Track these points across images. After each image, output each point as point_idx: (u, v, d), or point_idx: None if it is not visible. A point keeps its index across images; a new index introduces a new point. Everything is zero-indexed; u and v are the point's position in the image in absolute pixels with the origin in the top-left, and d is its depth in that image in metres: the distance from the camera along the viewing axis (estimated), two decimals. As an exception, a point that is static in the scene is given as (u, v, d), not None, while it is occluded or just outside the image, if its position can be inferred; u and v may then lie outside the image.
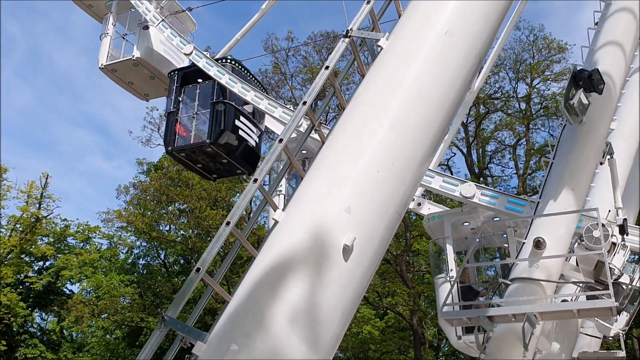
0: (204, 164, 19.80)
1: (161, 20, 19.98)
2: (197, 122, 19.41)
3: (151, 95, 22.53)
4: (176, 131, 19.33)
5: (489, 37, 7.69)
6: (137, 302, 52.51)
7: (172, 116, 19.69)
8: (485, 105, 53.53)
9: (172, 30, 19.73)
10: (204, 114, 19.25)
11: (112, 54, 21.46)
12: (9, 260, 55.45)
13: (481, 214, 16.82)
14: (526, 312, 11.29)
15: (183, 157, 19.50)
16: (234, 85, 18.17)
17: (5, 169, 53.97)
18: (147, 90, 22.43)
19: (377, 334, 52.31)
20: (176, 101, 19.78)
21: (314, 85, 7.51)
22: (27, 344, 55.54)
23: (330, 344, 6.31)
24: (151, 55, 21.04)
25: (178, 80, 20.06)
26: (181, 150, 19.20)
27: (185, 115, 19.69)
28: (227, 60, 19.79)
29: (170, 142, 19.39)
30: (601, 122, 14.02)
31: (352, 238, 6.31)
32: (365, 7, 7.95)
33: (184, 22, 22.67)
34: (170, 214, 52.48)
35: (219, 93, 19.12)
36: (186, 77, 20.11)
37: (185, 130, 19.49)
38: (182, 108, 19.80)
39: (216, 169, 20.21)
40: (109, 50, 21.49)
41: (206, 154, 19.16)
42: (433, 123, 7.08)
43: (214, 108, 19.01)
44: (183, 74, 20.13)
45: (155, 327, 6.63)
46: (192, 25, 23.20)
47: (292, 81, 53.01)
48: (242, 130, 19.21)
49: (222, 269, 7.58)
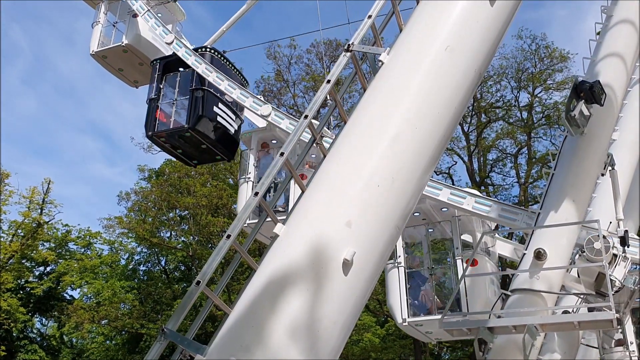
0: (183, 149, 20.51)
1: (146, 11, 21.11)
2: (177, 109, 20.09)
3: (140, 82, 23.19)
4: (156, 117, 20.06)
5: (490, 52, 7.72)
6: (137, 308, 52.49)
7: (153, 102, 20.41)
8: (487, 114, 53.60)
9: (156, 20, 20.86)
10: (184, 100, 19.99)
11: (102, 41, 22.38)
12: (10, 265, 55.47)
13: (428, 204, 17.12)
14: (527, 324, 11.27)
15: (163, 141, 20.24)
16: (209, 75, 19.08)
17: (7, 174, 54.09)
18: (136, 77, 23.17)
19: (377, 342, 52.18)
20: (157, 88, 20.53)
21: (315, 99, 7.55)
22: (27, 349, 55.48)
23: (330, 357, 6.32)
24: (139, 42, 21.78)
25: (160, 69, 20.85)
26: (161, 135, 19.91)
27: (166, 102, 20.41)
28: (207, 49, 20.58)
29: (150, 127, 20.09)
30: (602, 133, 14.04)
31: (352, 252, 6.33)
32: (367, 21, 7.98)
33: (173, 12, 23.55)
34: (171, 221, 52.54)
35: (198, 81, 19.83)
36: (168, 66, 20.87)
37: (165, 116, 20.16)
38: (163, 95, 20.61)
39: (196, 155, 20.95)
40: (100, 38, 22.41)
41: (185, 139, 19.84)
42: (433, 138, 7.11)
43: (193, 94, 19.69)
44: (165, 63, 20.93)
45: (155, 334, 6.64)
46: (181, 15, 24.00)
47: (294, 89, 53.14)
48: (221, 117, 19.89)
49: (222, 281, 7.59)
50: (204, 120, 19.43)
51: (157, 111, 20.11)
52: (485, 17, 7.61)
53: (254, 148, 19.29)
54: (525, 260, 12.87)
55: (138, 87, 23.69)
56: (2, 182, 53.66)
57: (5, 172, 53.97)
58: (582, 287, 13.38)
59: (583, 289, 13.36)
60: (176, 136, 19.73)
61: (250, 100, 18.52)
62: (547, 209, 13.38)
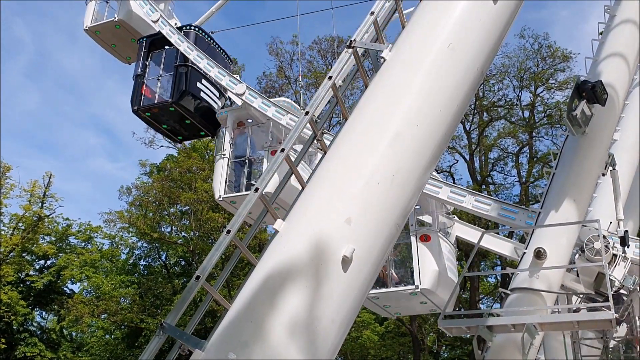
0: (168, 125, 21.21)
1: None
2: (162, 85, 20.74)
3: (133, 59, 23.39)
4: (142, 92, 20.71)
5: (492, 51, 7.71)
6: (137, 303, 52.51)
7: (139, 79, 21.02)
8: (489, 113, 53.52)
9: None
10: (169, 77, 20.66)
11: (96, 17, 22.87)
12: (10, 258, 55.53)
13: None
14: (526, 323, 11.27)
15: (148, 116, 20.83)
16: (190, 53, 19.72)
17: (8, 167, 54.12)
18: (129, 54, 23.52)
19: (376, 339, 52.23)
20: (143, 65, 21.17)
21: (316, 95, 7.54)
22: (27, 342, 55.55)
23: (328, 354, 6.33)
24: (131, 18, 22.16)
25: (146, 46, 21.54)
26: (146, 109, 20.54)
27: (151, 78, 21.04)
28: (191, 27, 21.15)
29: (136, 102, 20.71)
30: (604, 133, 14.04)
31: (352, 249, 6.33)
32: (369, 17, 7.98)
33: None
34: (172, 216, 52.51)
35: (182, 58, 20.39)
36: (154, 43, 21.47)
37: (150, 92, 20.82)
38: (148, 72, 21.24)
39: (181, 131, 21.58)
40: (94, 14, 22.90)
41: (169, 114, 20.49)
42: (434, 136, 7.10)
43: (177, 70, 20.34)
44: (151, 41, 21.55)
45: (154, 329, 6.66)
46: None
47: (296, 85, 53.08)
48: (205, 93, 20.55)
49: (222, 276, 7.60)
50: (187, 95, 20.05)
51: (142, 87, 20.74)
52: (488, 15, 7.60)
53: (229, 126, 19.52)
54: (525, 260, 12.88)
55: (130, 64, 24.07)
56: (4, 175, 53.70)
57: (6, 166, 54.04)
58: (582, 287, 13.41)
59: (583, 288, 13.38)
60: (160, 111, 20.38)
61: (227, 78, 19.06)
62: (548, 208, 13.38)
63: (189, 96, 20.05)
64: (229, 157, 18.94)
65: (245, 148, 19.20)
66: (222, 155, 19.01)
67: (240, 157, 19.13)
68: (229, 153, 19.03)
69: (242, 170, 19.01)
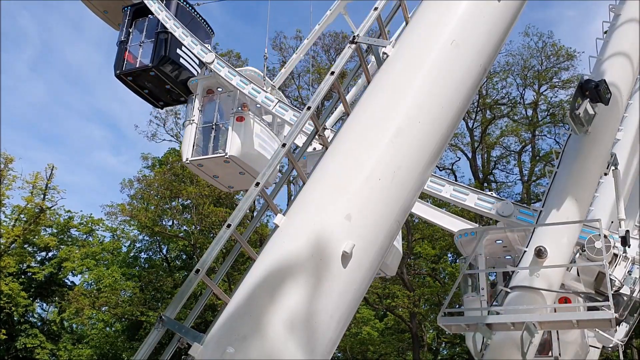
0: (149, 90, 22.19)
1: None
2: (143, 51, 21.79)
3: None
4: (124, 58, 21.76)
5: (496, 49, 7.67)
6: (137, 295, 52.67)
7: (123, 45, 22.03)
8: (492, 111, 53.44)
9: None
10: (150, 43, 21.62)
11: None
12: (12, 249, 55.70)
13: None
14: (525, 321, 11.27)
15: (130, 81, 21.82)
16: (167, 22, 20.73)
17: (11, 159, 54.23)
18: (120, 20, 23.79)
19: (376, 335, 52.33)
20: (127, 32, 22.16)
21: (318, 90, 7.53)
22: (28, 333, 55.79)
23: (327, 349, 6.33)
24: None
25: (130, 14, 22.44)
26: (128, 73, 21.56)
27: (134, 45, 22.07)
28: None
29: (118, 67, 21.70)
30: (607, 133, 13.99)
31: (352, 245, 6.32)
32: (373, 13, 7.95)
33: None
34: (173, 210, 52.58)
35: (163, 25, 21.24)
36: (138, 12, 22.30)
37: (132, 58, 21.95)
38: (132, 38, 22.19)
39: (161, 96, 22.56)
40: None
41: (150, 79, 21.57)
42: (436, 132, 7.08)
43: (158, 37, 21.37)
44: (135, 9, 22.37)
45: (154, 322, 6.68)
46: None
47: (299, 80, 53.04)
48: (184, 60, 21.49)
49: (221, 270, 7.60)
50: (167, 61, 21.07)
51: (125, 53, 21.73)
52: (492, 12, 7.56)
53: (199, 94, 20.49)
54: (526, 258, 12.86)
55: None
56: (6, 166, 53.79)
57: (9, 157, 54.14)
58: (582, 286, 13.38)
59: (583, 287, 13.36)
60: (141, 75, 21.41)
61: (199, 47, 20.08)
62: (549, 207, 13.35)
63: (168, 62, 21.07)
64: (197, 122, 20.07)
65: (214, 114, 20.32)
66: (191, 121, 20.06)
67: (208, 122, 20.27)
68: (197, 119, 20.15)
69: (209, 135, 20.08)
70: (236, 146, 19.27)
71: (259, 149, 19.88)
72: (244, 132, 19.61)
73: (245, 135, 19.62)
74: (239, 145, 19.32)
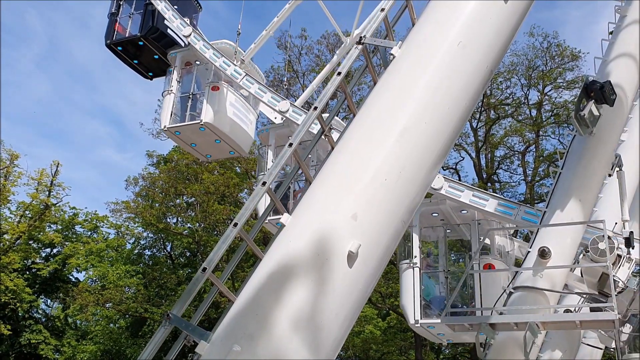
0: (139, 60, 23.00)
1: None
2: (133, 22, 22.69)
3: None
4: (115, 29, 22.64)
5: (502, 50, 7.71)
6: (141, 292, 52.79)
7: (113, 17, 22.81)
8: (496, 111, 53.35)
9: None
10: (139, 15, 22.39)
11: None
12: (17, 246, 55.88)
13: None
14: (528, 321, 11.30)
15: (120, 51, 22.60)
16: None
17: (16, 155, 54.36)
18: None
19: (378, 334, 52.33)
20: (117, 4, 22.95)
21: (325, 91, 7.57)
22: (32, 329, 55.97)
23: (332, 348, 6.38)
24: None
25: None
26: (118, 43, 22.35)
27: (124, 16, 22.88)
28: None
29: (109, 37, 22.56)
30: (611, 134, 13.99)
31: (357, 245, 6.37)
32: (380, 14, 7.99)
33: None
34: (177, 207, 52.68)
35: None
36: None
37: (122, 29, 22.85)
38: (122, 10, 22.94)
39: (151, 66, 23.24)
40: None
41: (139, 49, 22.36)
42: (442, 133, 7.13)
43: (146, 8, 22.09)
44: None
45: (158, 319, 6.72)
46: None
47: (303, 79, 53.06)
48: (171, 30, 22.05)
49: (227, 269, 7.66)
50: (155, 32, 21.80)
51: (115, 24, 22.62)
52: (499, 13, 7.60)
53: (177, 66, 21.63)
54: (529, 258, 12.89)
55: None
56: (12, 163, 53.96)
57: (14, 154, 54.29)
58: (585, 287, 13.39)
59: (586, 288, 13.37)
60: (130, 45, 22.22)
61: (178, 21, 21.22)
62: (553, 207, 13.38)
63: (156, 33, 21.80)
64: (175, 93, 21.14)
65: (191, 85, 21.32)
66: (170, 91, 21.17)
67: (185, 93, 21.25)
68: (175, 89, 21.23)
69: (186, 105, 21.11)
70: (210, 113, 20.17)
71: (233, 117, 20.85)
72: (218, 100, 20.52)
73: (219, 103, 20.52)
74: (213, 112, 20.23)
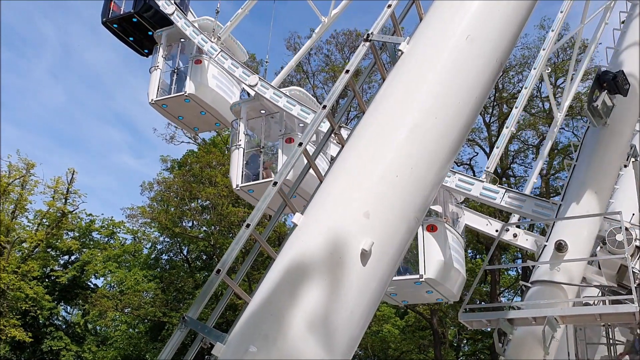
0: (134, 37, 23.56)
1: None
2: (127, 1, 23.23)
3: None
4: (110, 7, 23.36)
5: (511, 43, 7.63)
6: (159, 297, 53.07)
7: None
8: (509, 105, 52.93)
9: None
10: None
11: None
12: (35, 254, 56.45)
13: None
14: (547, 316, 11.21)
15: (116, 28, 23.31)
16: None
17: (32, 164, 54.87)
18: None
19: (397, 333, 52.18)
20: None
21: (334, 89, 7.55)
22: (53, 336, 56.55)
23: (348, 347, 6.35)
24: None
25: None
26: (113, 21, 23.06)
27: None
28: None
29: (105, 15, 23.27)
30: (625, 124, 13.85)
31: (370, 243, 6.33)
32: (387, 10, 7.95)
33: None
34: (193, 211, 52.89)
35: None
36: None
37: (117, 7, 23.53)
38: None
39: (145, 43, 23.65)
40: None
41: (134, 25, 22.98)
42: (453, 128, 7.07)
43: None
44: None
45: (177, 322, 6.76)
46: None
47: (313, 79, 53.07)
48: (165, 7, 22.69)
49: (242, 270, 7.66)
50: (148, 8, 22.44)
51: (111, 3, 23.32)
52: (506, 7, 7.53)
53: (163, 43, 22.21)
54: (546, 252, 12.79)
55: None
56: (28, 172, 54.51)
57: (30, 163, 54.81)
58: (604, 280, 13.25)
59: (605, 281, 13.23)
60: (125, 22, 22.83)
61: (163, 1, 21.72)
62: (569, 200, 13.27)
63: (150, 9, 22.40)
64: (161, 68, 21.51)
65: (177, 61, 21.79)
66: (157, 67, 21.45)
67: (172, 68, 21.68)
68: (162, 65, 21.61)
69: (172, 79, 21.44)
70: (194, 85, 20.57)
71: (216, 88, 21.20)
72: (201, 73, 20.91)
73: (202, 76, 20.91)
74: (196, 84, 20.63)
